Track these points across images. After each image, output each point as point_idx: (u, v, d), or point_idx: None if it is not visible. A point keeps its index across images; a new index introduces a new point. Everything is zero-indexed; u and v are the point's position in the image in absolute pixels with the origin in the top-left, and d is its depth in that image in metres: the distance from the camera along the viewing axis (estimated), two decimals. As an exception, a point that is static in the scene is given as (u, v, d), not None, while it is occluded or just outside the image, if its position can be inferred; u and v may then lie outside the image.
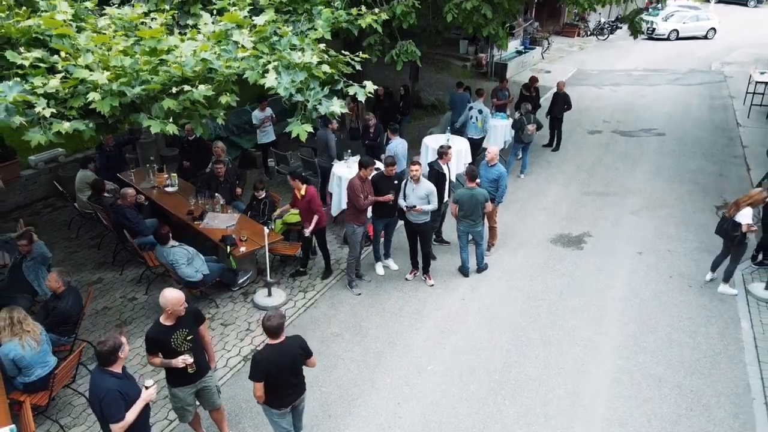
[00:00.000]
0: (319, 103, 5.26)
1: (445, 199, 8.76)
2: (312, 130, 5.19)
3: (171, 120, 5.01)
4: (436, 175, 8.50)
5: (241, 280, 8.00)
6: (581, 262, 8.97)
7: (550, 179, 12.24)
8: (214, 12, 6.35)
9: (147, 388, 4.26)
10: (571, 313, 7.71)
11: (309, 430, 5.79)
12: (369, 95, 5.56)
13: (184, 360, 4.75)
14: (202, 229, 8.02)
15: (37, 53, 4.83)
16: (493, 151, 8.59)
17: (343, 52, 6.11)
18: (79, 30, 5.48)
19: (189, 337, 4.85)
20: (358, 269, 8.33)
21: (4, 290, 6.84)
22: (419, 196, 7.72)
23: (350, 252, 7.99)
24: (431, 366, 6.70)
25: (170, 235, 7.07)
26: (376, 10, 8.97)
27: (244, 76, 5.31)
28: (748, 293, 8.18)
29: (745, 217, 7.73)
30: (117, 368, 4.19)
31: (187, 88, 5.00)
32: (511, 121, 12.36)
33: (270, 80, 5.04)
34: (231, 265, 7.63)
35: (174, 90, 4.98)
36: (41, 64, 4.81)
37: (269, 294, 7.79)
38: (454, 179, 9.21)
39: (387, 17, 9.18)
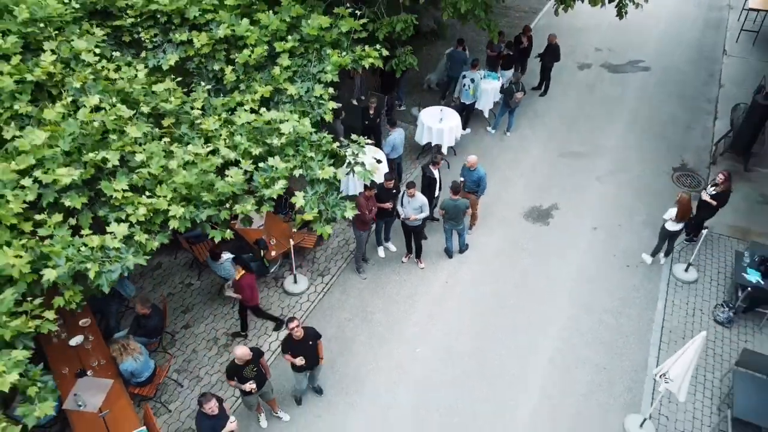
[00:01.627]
0: (337, 206, 6.98)
1: (436, 193, 10.55)
2: (330, 231, 6.98)
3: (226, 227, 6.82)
4: (428, 180, 10.24)
5: (272, 270, 10.20)
6: (545, 240, 11.02)
7: (532, 136, 13.73)
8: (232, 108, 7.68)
9: (231, 422, 6.73)
10: (531, 296, 9.98)
11: (329, 404, 8.41)
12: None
13: (251, 387, 7.18)
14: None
15: (125, 183, 6.48)
16: (472, 159, 10.20)
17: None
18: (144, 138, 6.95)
19: (254, 370, 7.23)
20: (364, 254, 10.44)
21: (97, 297, 9.08)
22: (414, 207, 9.56)
23: (357, 248, 10.06)
24: (419, 349, 9.17)
25: (221, 252, 9.08)
26: (377, 32, 9.98)
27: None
28: (671, 273, 10.37)
29: (670, 214, 9.65)
30: (209, 410, 6.59)
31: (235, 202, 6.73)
32: (500, 83, 13.51)
33: (299, 200, 6.74)
34: (265, 264, 9.76)
35: (228, 205, 6.73)
36: (129, 194, 6.49)
37: (295, 281, 10.03)
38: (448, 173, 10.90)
39: (387, 32, 10.18)
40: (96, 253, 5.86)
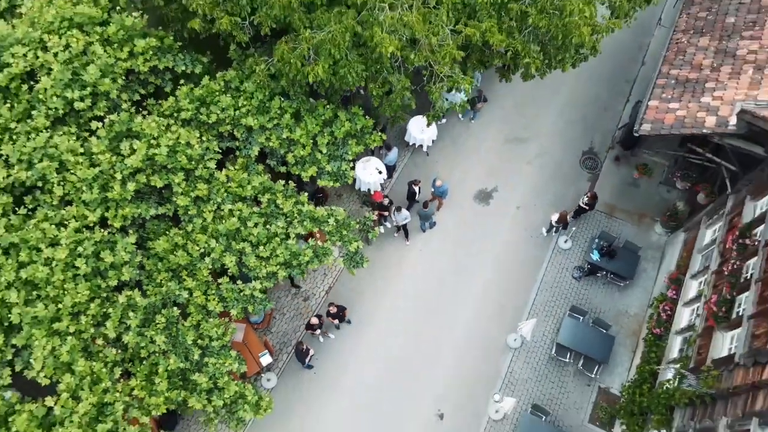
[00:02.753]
0: (361, 261, 13.74)
1: (417, 198, 16.93)
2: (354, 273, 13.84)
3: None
4: (411, 192, 16.59)
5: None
6: (484, 219, 17.63)
7: (489, 123, 19.16)
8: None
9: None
10: (471, 258, 16.98)
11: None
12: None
13: (318, 329, 14.89)
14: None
15: (252, 257, 13.21)
16: (439, 182, 16.37)
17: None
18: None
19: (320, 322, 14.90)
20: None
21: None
22: (402, 217, 16.13)
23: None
24: (406, 284, 16.58)
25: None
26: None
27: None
28: (556, 243, 17.25)
29: (553, 218, 16.25)
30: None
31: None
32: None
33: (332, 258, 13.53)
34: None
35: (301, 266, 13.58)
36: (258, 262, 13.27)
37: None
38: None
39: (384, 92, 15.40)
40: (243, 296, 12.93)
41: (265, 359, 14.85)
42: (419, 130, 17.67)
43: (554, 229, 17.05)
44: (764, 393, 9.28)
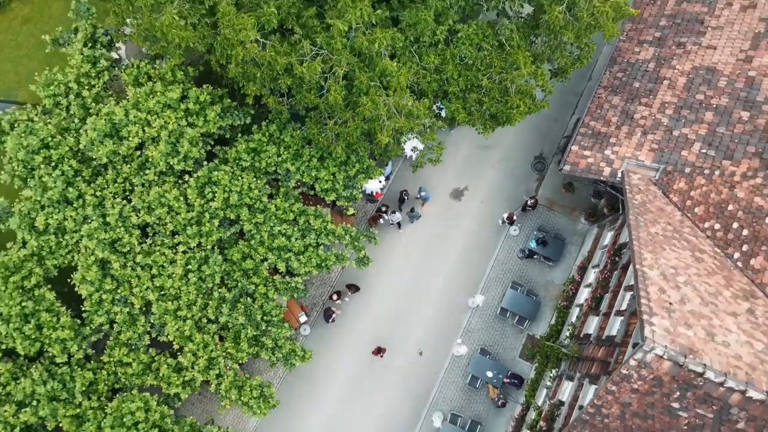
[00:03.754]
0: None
1: (405, 202, 23.27)
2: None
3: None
4: (401, 199, 22.92)
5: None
6: (457, 212, 24.04)
7: (467, 132, 24.84)
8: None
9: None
10: (441, 251, 23.60)
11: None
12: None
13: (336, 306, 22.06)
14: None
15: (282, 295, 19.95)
16: (423, 192, 22.62)
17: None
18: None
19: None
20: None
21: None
22: (396, 217, 22.63)
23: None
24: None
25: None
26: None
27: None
28: (507, 231, 23.81)
29: (502, 215, 22.77)
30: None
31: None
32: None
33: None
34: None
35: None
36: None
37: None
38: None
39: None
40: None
41: (302, 318, 22.09)
42: (409, 149, 23.58)
43: (505, 220, 23.52)
44: (596, 364, 16.39)
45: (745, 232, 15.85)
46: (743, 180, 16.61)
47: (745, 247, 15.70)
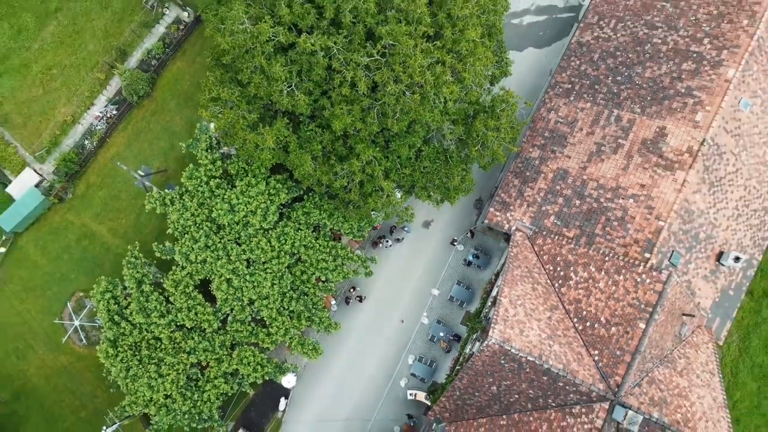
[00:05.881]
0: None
1: (393, 231, 38.35)
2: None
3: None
4: (390, 230, 38.01)
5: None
6: (425, 237, 39.14)
7: (432, 184, 39.53)
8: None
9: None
10: (415, 260, 38.91)
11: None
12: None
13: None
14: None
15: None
16: (407, 225, 37.67)
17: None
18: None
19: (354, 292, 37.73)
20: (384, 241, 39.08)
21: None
22: (389, 243, 37.79)
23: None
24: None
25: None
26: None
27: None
28: (455, 248, 38.99)
29: (458, 235, 38.03)
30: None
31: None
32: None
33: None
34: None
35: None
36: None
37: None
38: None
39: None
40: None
41: (333, 302, 37.86)
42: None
43: (454, 242, 38.65)
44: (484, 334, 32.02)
45: (562, 272, 30.96)
46: (567, 243, 31.55)
47: (561, 281, 30.86)
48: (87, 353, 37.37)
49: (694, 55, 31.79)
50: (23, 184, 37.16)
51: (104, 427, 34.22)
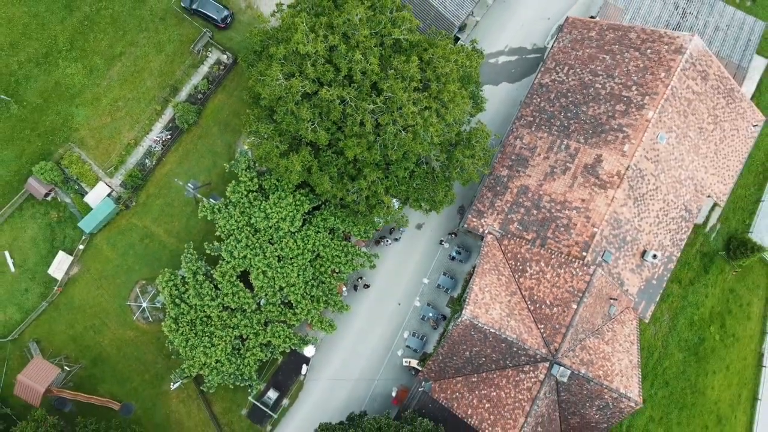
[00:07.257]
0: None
1: (392, 232, 47.92)
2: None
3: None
4: (389, 231, 47.60)
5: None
6: (418, 237, 48.66)
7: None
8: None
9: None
10: (410, 255, 48.45)
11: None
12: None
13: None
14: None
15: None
16: (403, 228, 47.24)
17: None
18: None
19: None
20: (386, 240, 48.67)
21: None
22: (389, 242, 47.37)
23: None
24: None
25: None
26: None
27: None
28: (442, 245, 48.52)
29: (445, 236, 47.65)
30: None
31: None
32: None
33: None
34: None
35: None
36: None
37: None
38: (395, 225, 48.13)
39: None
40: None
41: (344, 289, 47.52)
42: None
43: (441, 241, 48.17)
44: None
45: (521, 267, 40.47)
46: (526, 244, 41.04)
47: (519, 273, 40.38)
48: (149, 329, 47.04)
49: (625, 98, 41.07)
50: (97, 195, 46.57)
51: (172, 383, 44.20)
